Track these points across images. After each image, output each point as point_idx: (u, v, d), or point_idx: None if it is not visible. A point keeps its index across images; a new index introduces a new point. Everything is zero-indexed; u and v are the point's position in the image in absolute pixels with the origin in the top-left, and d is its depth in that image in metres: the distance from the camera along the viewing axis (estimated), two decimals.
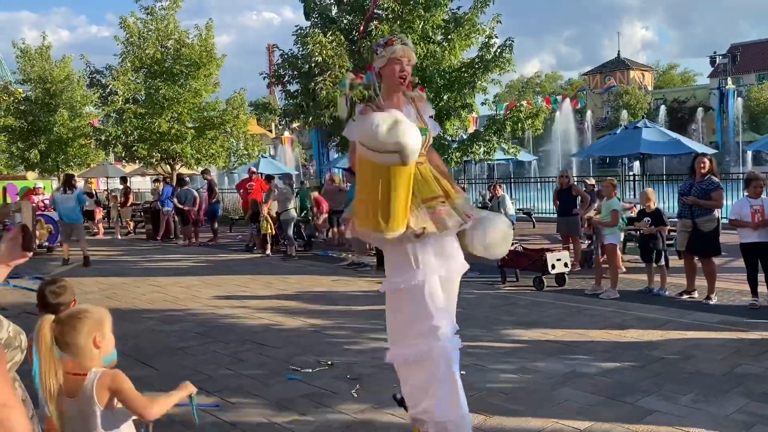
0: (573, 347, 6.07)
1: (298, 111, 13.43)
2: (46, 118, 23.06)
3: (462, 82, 12.54)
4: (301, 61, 13.10)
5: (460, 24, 12.61)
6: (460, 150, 13.25)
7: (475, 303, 8.18)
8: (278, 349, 6.29)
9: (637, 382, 5.03)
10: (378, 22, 11.93)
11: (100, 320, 2.51)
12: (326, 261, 12.66)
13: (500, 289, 9.18)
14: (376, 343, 6.36)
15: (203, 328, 7.27)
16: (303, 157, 51.12)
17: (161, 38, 18.79)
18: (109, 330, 2.54)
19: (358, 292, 9.12)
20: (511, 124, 12.73)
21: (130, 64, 18.62)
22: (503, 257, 9.41)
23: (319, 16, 13.86)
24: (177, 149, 19.00)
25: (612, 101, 65.02)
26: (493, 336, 6.57)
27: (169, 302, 8.84)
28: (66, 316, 2.48)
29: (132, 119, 18.41)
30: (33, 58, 25.43)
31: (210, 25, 19.35)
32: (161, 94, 18.17)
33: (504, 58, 12.42)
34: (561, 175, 11.41)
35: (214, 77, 19.46)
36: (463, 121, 13.40)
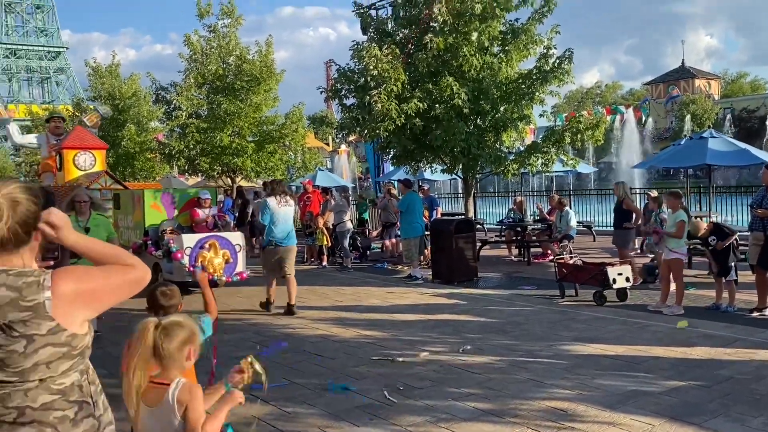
0: (635, 364, 5.87)
1: (354, 124, 13.55)
2: (115, 132, 24.01)
3: (519, 93, 12.40)
4: (357, 75, 13.24)
5: (517, 35, 12.47)
6: (517, 162, 13.07)
7: (533, 318, 8.03)
8: (334, 360, 6.32)
9: (704, 402, 4.82)
10: (433, 34, 11.94)
11: (196, 333, 2.54)
12: (381, 273, 12.69)
13: (559, 303, 8.98)
14: (430, 356, 6.34)
15: (260, 337, 7.38)
16: (359, 169, 51.58)
17: (223, 55, 19.32)
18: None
19: (412, 305, 9.09)
20: (570, 135, 12.48)
21: (193, 80, 19.23)
22: (562, 270, 9.27)
23: (376, 31, 13.99)
24: (237, 162, 19.45)
25: (676, 111, 63.02)
26: (552, 351, 6.43)
27: (228, 311, 9.02)
28: (168, 323, 2.50)
29: (195, 134, 18.97)
30: (103, 75, 26.64)
31: (270, 42, 19.81)
32: (223, 109, 18.66)
33: (563, 69, 12.21)
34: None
35: (274, 92, 19.87)
36: (520, 132, 13.23)
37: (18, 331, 1.75)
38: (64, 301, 1.81)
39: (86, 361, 1.94)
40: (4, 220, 1.79)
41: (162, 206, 10.90)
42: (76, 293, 1.85)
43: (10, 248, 1.83)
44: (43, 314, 1.77)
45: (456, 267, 10.99)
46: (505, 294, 9.78)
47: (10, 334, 1.75)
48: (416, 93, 12.10)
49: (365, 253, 14.72)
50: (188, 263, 9.49)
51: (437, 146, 12.41)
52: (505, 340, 6.92)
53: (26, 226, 1.85)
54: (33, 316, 1.77)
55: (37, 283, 1.80)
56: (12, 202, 1.81)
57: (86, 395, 1.91)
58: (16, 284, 1.78)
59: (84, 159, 13.71)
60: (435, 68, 12.31)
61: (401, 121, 11.94)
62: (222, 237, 9.97)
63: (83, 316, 1.87)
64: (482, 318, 8.10)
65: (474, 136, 12.46)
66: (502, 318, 8.04)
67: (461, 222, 11.85)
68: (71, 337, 1.83)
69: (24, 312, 1.76)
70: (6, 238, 1.81)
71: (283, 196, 8.92)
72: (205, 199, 10.85)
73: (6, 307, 1.75)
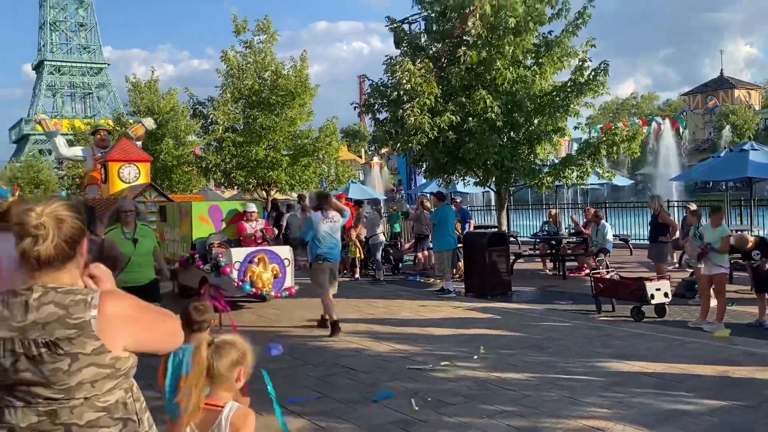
0: (675, 383, 5.73)
1: (387, 138, 13.61)
2: (153, 146, 24.53)
3: (553, 106, 12.31)
4: (390, 89, 13.31)
5: (551, 48, 12.42)
6: (552, 174, 12.96)
7: (569, 333, 7.91)
8: (367, 374, 6.32)
9: (749, 423, 4.68)
10: (466, 48, 11.95)
11: (247, 354, 2.53)
12: (414, 286, 12.65)
13: (595, 319, 8.83)
14: (464, 371, 6.28)
15: (294, 349, 7.42)
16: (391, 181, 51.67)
17: (259, 70, 19.62)
18: None
19: (445, 319, 9.04)
20: (606, 147, 12.33)
21: (230, 95, 19.57)
22: (598, 285, 9.13)
23: (409, 45, 14.06)
24: (272, 176, 19.67)
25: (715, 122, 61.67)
26: (588, 368, 6.32)
27: (263, 322, 9.11)
28: (220, 342, 2.50)
29: (231, 147, 19.26)
30: (143, 91, 27.35)
31: (304, 57, 20.04)
32: (258, 124, 18.92)
33: (598, 81, 12.10)
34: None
35: (308, 106, 20.08)
36: (554, 145, 13.12)
37: (63, 349, 1.78)
38: (109, 322, 1.84)
39: (130, 379, 1.97)
40: (50, 238, 1.84)
41: (210, 219, 10.72)
42: (122, 316, 1.89)
43: (57, 265, 1.87)
44: (89, 333, 1.80)
45: (489, 281, 10.90)
46: (540, 309, 9.66)
47: (55, 351, 1.78)
48: (449, 106, 12.11)
49: (397, 266, 14.72)
50: (237, 278, 9.25)
51: (470, 159, 12.38)
52: (540, 356, 6.83)
53: (72, 243, 1.89)
54: (79, 334, 1.80)
55: (84, 302, 1.83)
56: (56, 221, 1.86)
57: (131, 412, 1.94)
58: (64, 302, 1.82)
59: (128, 171, 13.68)
60: (468, 81, 12.31)
61: (434, 135, 11.95)
62: (270, 251, 9.72)
63: (124, 342, 1.88)
64: (517, 333, 8.00)
65: (507, 149, 12.41)
66: (537, 333, 7.94)
67: (494, 235, 11.76)
68: (115, 360, 1.86)
69: (70, 330, 1.79)
70: (53, 256, 1.85)
71: (328, 210, 8.60)
72: (252, 213, 10.54)
73: (53, 324, 1.79)
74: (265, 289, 9.33)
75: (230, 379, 2.47)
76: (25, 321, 1.80)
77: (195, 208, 10.79)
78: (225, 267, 9.28)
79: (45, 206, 1.88)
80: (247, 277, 9.27)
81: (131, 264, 6.59)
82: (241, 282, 9.24)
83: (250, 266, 9.34)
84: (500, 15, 11.93)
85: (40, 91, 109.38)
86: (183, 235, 10.90)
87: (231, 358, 2.47)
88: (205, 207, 10.96)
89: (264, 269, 9.40)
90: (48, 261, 1.85)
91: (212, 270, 9.62)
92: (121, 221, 6.94)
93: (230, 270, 9.23)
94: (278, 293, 9.55)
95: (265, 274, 9.39)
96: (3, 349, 1.79)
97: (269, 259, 9.50)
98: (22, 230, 1.85)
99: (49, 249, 1.84)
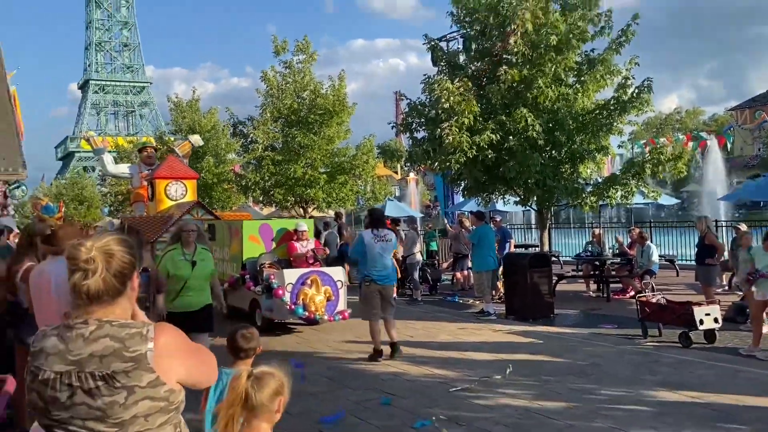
0: (728, 415, 5.47)
1: (425, 157, 13.55)
2: (195, 164, 24.98)
3: (596, 124, 12.09)
4: (428, 108, 13.26)
5: (593, 66, 12.22)
6: (595, 194, 12.69)
7: (614, 359, 7.66)
8: (405, 399, 6.21)
9: None
10: (507, 66, 11.84)
11: (286, 384, 2.51)
12: (452, 307, 12.48)
13: (641, 344, 8.54)
14: (506, 399, 6.12)
15: (332, 372, 7.35)
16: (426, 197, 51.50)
17: (298, 90, 19.85)
18: None
19: (485, 342, 8.85)
20: (651, 166, 12.02)
21: (269, 114, 19.83)
22: (644, 309, 8.84)
23: (447, 64, 14.02)
24: (310, 193, 19.81)
25: (764, 138, 59.89)
26: (635, 397, 6.09)
27: (300, 344, 9.06)
28: (260, 372, 2.48)
29: (270, 166, 19.48)
30: (184, 110, 27.95)
31: (342, 76, 20.20)
32: (297, 142, 19.10)
33: (642, 98, 11.84)
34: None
35: (346, 125, 20.21)
36: (597, 163, 12.85)
37: (120, 382, 1.79)
38: (164, 355, 1.86)
39: (179, 415, 1.97)
40: (99, 272, 1.86)
41: (260, 238, 10.40)
42: (177, 349, 1.92)
43: (107, 299, 1.89)
44: (145, 366, 1.81)
45: (531, 303, 10.68)
46: (584, 333, 9.40)
47: (112, 384, 1.78)
48: (489, 125, 11.99)
49: (435, 286, 14.57)
50: (289, 301, 8.96)
51: (511, 178, 12.21)
52: (584, 384, 6.62)
53: (121, 277, 1.91)
54: (135, 367, 1.80)
55: (139, 335, 1.84)
56: (106, 255, 1.88)
57: None
58: (120, 335, 1.83)
59: (175, 189, 13.47)
60: (509, 100, 12.18)
61: (473, 153, 11.83)
62: (323, 272, 9.36)
63: (178, 374, 1.90)
64: (560, 358, 7.79)
65: (549, 168, 12.21)
66: (581, 359, 7.71)
67: (536, 256, 11.55)
68: (169, 392, 1.86)
69: (127, 363, 1.80)
70: (102, 290, 1.87)
71: (380, 229, 8.00)
72: (303, 231, 10.13)
73: (110, 357, 1.80)
74: (318, 313, 8.97)
75: (271, 410, 2.44)
76: (81, 354, 1.81)
77: (246, 226, 10.53)
78: (277, 289, 9.01)
79: (96, 241, 1.91)
80: (300, 299, 8.99)
81: (186, 288, 6.29)
82: (294, 305, 8.95)
83: (303, 288, 9.04)
84: (542, 33, 11.81)
85: (85, 109, 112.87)
86: (233, 254, 10.66)
87: (272, 389, 2.44)
88: (255, 226, 10.68)
89: (317, 292, 9.07)
90: (98, 295, 1.87)
91: (263, 292, 9.35)
92: (182, 241, 6.56)
93: (282, 292, 8.95)
94: (331, 317, 9.23)
95: (318, 296, 9.05)
96: (59, 383, 1.80)
97: (322, 281, 9.15)
98: (72, 264, 1.88)
99: (98, 283, 1.86)
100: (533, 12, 11.87)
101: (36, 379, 1.83)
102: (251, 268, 9.95)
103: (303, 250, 10.03)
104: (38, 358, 1.85)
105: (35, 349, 1.87)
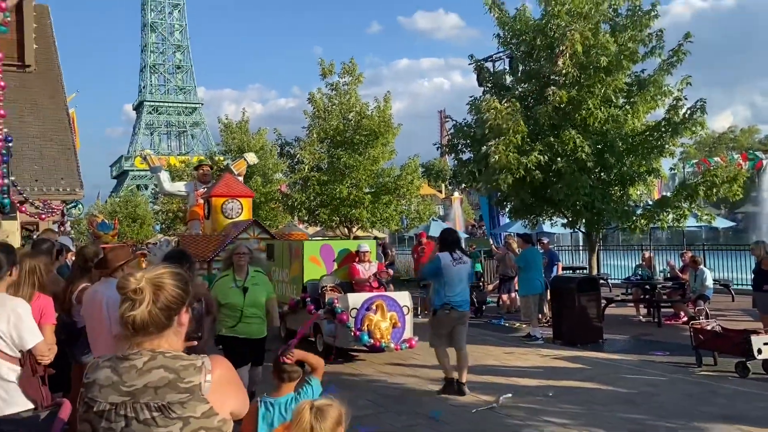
0: None
1: (470, 177, 13.48)
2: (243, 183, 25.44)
3: (647, 146, 11.82)
4: (474, 129, 13.21)
5: (644, 86, 11.98)
6: (646, 217, 12.37)
7: (667, 389, 7.40)
8: (450, 425, 6.12)
9: None
10: (555, 87, 11.73)
11: (344, 413, 2.58)
12: (498, 330, 12.30)
13: (695, 373, 8.24)
14: (553, 426, 5.98)
15: (376, 395, 7.31)
16: (471, 216, 51.09)
17: (344, 111, 20.11)
18: None
19: (532, 368, 8.68)
20: (704, 189, 11.67)
21: (315, 135, 20.11)
22: (698, 336, 8.53)
23: (494, 84, 13.97)
24: (355, 214, 19.93)
25: None
26: (688, 429, 5.87)
27: (345, 366, 9.04)
28: (321, 404, 2.55)
29: (315, 186, 19.71)
30: (234, 131, 28.62)
31: (388, 97, 20.38)
32: (342, 163, 19.30)
33: (695, 120, 11.54)
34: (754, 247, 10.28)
35: (391, 145, 20.33)
36: (648, 185, 12.54)
37: (176, 413, 1.81)
38: (219, 386, 1.88)
39: None
40: (145, 303, 1.86)
41: (321, 259, 9.96)
42: (229, 382, 1.94)
43: (152, 331, 1.89)
44: (199, 397, 1.83)
45: (579, 328, 10.45)
46: (634, 360, 9.13)
47: (168, 415, 1.80)
48: (536, 146, 11.88)
49: (481, 308, 14.37)
50: (354, 327, 8.46)
51: (559, 200, 12.03)
52: (635, 414, 6.41)
53: (167, 311, 1.90)
54: (190, 398, 1.82)
55: (193, 366, 1.86)
56: (155, 287, 1.89)
57: None
58: (174, 366, 1.85)
59: (231, 207, 13.14)
60: (557, 121, 12.05)
61: (520, 174, 11.71)
62: (389, 297, 8.79)
63: (231, 405, 1.93)
64: (609, 386, 7.57)
65: (598, 190, 11.98)
66: (631, 387, 7.48)
67: (584, 279, 11.31)
68: (222, 423, 1.88)
69: (182, 394, 1.82)
70: (147, 322, 1.87)
71: (457, 252, 7.37)
72: (365, 253, 9.61)
73: (164, 388, 1.82)
74: (383, 341, 8.42)
75: None
76: (135, 385, 1.83)
77: (307, 247, 10.09)
78: (342, 314, 8.54)
79: (148, 272, 1.93)
80: (365, 326, 8.49)
81: (244, 316, 5.94)
82: (359, 332, 8.47)
83: (368, 314, 8.53)
84: (592, 54, 11.68)
85: (140, 129, 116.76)
86: (293, 276, 10.23)
87: (333, 419, 2.51)
88: (316, 246, 10.26)
89: (382, 318, 8.51)
90: (143, 326, 1.87)
91: (326, 316, 8.91)
92: (234, 266, 6.12)
93: (347, 317, 8.47)
94: (398, 346, 8.68)
95: (384, 323, 8.50)
96: (114, 414, 1.82)
97: (388, 307, 8.59)
98: (122, 293, 1.90)
99: (144, 315, 1.86)
100: (582, 33, 11.76)
101: (90, 410, 1.86)
102: (312, 291, 9.55)
103: (366, 274, 9.57)
104: (91, 389, 1.87)
105: (88, 381, 1.89)
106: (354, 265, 9.64)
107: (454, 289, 7.21)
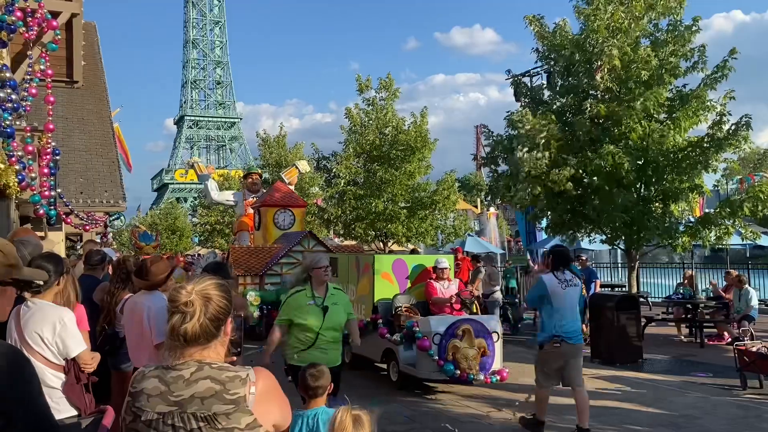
0: None
1: (505, 191, 13.39)
2: None
3: (689, 162, 11.57)
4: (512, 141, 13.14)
5: (686, 101, 11.75)
6: (688, 234, 12.08)
7: (710, 411, 7.18)
8: None
9: None
10: (594, 101, 11.60)
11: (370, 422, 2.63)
12: (535, 348, 12.07)
13: (740, 396, 7.98)
14: None
15: (410, 411, 7.26)
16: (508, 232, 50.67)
17: (380, 126, 20.23)
18: None
19: None
20: (749, 206, 11.34)
21: (352, 150, 20.26)
22: (743, 358, 8.27)
23: (531, 100, 13.89)
24: (390, 228, 19.96)
25: None
26: None
27: (382, 382, 9.00)
28: (356, 414, 2.60)
29: (351, 200, 19.83)
30: (271, 146, 29.03)
31: (424, 113, 20.44)
32: (378, 177, 19.39)
33: (739, 135, 11.26)
34: None
35: (427, 160, 20.35)
36: (690, 203, 12.25)
37: (221, 424, 1.83)
38: (263, 398, 1.90)
39: None
40: (197, 316, 1.90)
41: (393, 276, 8.96)
42: (274, 394, 1.97)
43: (202, 342, 1.93)
44: (244, 408, 1.85)
45: (618, 347, 10.23)
46: (676, 381, 8.89)
47: (214, 425, 1.83)
48: (571, 160, 11.75)
49: (517, 326, 14.20)
50: (438, 355, 7.50)
51: (596, 217, 11.86)
52: None
53: (216, 322, 1.95)
54: (235, 409, 1.84)
55: (239, 378, 1.89)
56: (204, 299, 1.93)
57: None
58: (220, 377, 1.88)
59: (283, 218, 12.57)
60: (595, 136, 11.90)
61: (550, 185, 11.59)
62: (476, 321, 7.78)
63: (274, 418, 1.95)
64: (650, 408, 7.38)
65: (638, 207, 11.76)
66: (673, 410, 7.28)
67: (623, 297, 11.09)
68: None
69: (228, 405, 1.84)
70: (198, 334, 1.91)
71: (565, 272, 6.24)
72: (443, 269, 8.53)
73: (211, 399, 1.84)
74: (471, 372, 7.39)
75: None
76: (183, 395, 1.85)
77: (378, 261, 9.06)
78: (423, 339, 7.55)
79: (196, 284, 1.96)
80: (450, 354, 7.46)
81: (318, 340, 4.96)
82: (443, 361, 7.47)
83: (453, 341, 7.48)
84: (632, 68, 11.53)
85: (180, 143, 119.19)
86: (362, 294, 9.23)
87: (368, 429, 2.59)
88: (389, 261, 9.21)
89: (469, 345, 7.45)
90: (194, 338, 1.91)
91: (402, 341, 7.92)
92: (312, 281, 5.17)
93: (429, 344, 7.48)
94: (488, 378, 7.62)
95: (471, 351, 7.46)
96: (162, 423, 1.86)
97: (475, 332, 7.54)
98: (173, 306, 1.94)
99: (195, 327, 1.90)
100: (621, 48, 11.63)
101: (137, 419, 1.89)
102: (385, 312, 8.50)
103: (445, 293, 8.47)
104: (139, 399, 1.90)
105: (135, 390, 1.93)
106: (431, 283, 8.56)
107: (564, 316, 6.09)
